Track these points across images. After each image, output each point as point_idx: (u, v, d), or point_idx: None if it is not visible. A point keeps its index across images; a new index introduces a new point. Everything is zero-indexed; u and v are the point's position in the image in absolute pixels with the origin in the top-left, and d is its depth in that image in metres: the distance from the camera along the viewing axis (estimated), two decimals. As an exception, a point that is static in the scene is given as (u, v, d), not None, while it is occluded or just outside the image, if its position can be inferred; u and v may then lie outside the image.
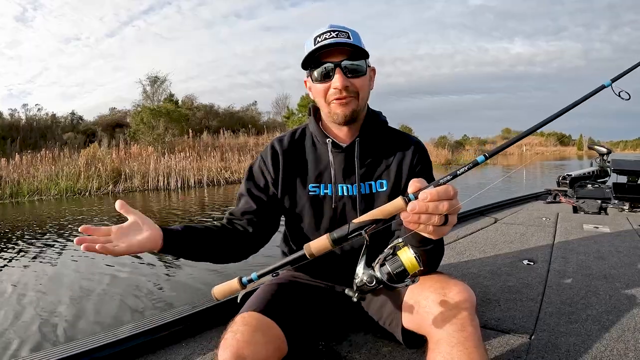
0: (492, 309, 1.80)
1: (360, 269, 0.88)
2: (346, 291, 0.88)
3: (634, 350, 1.41)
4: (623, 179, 4.98)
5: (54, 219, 9.14)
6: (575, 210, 4.46)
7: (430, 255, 1.07)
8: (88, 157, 16.15)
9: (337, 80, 1.20)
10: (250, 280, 0.90)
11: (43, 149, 16.99)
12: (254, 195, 1.36)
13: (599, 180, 5.73)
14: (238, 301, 0.99)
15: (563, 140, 73.19)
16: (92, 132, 26.73)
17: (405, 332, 1.23)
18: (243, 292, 0.93)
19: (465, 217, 3.93)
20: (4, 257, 5.72)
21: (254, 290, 1.31)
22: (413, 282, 0.86)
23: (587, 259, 2.51)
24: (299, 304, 1.31)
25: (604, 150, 5.95)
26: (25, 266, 5.25)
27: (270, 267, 0.90)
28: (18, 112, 27.34)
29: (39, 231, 7.57)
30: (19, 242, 6.73)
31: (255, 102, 39.86)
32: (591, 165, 6.15)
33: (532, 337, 1.53)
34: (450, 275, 1.19)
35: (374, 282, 0.86)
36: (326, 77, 1.22)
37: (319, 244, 0.87)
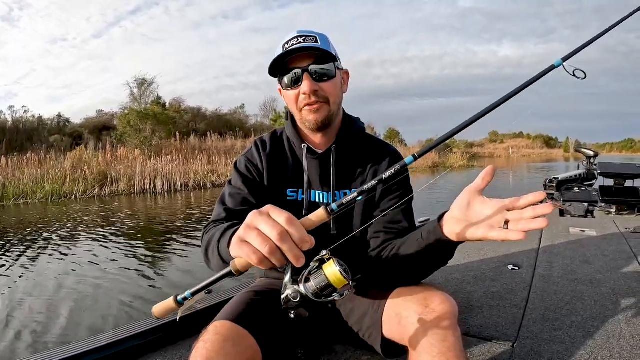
0: (475, 316, 1.77)
1: (285, 283, 0.84)
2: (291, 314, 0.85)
3: (618, 357, 1.39)
4: (610, 182, 5.03)
5: (37, 223, 8.99)
6: (562, 213, 4.48)
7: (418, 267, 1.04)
8: (74, 160, 16.00)
9: (305, 85, 1.16)
10: (185, 298, 0.86)
11: (29, 152, 16.79)
12: (251, 188, 1.28)
13: (585, 183, 5.77)
14: (177, 320, 0.95)
15: (549, 142, 74.09)
16: (79, 134, 26.48)
17: (385, 342, 1.20)
18: (181, 310, 0.88)
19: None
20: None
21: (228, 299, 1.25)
22: (342, 296, 0.82)
23: (573, 263, 2.50)
24: (275, 312, 1.26)
25: (591, 153, 5.99)
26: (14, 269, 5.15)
27: (202, 284, 0.85)
28: (4, 114, 27.11)
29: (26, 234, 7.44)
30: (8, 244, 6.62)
31: (243, 104, 39.70)
32: (578, 168, 6.19)
33: (515, 344, 1.51)
34: (432, 284, 1.16)
35: (299, 298, 0.82)
36: (295, 83, 1.19)
37: (242, 261, 0.79)
